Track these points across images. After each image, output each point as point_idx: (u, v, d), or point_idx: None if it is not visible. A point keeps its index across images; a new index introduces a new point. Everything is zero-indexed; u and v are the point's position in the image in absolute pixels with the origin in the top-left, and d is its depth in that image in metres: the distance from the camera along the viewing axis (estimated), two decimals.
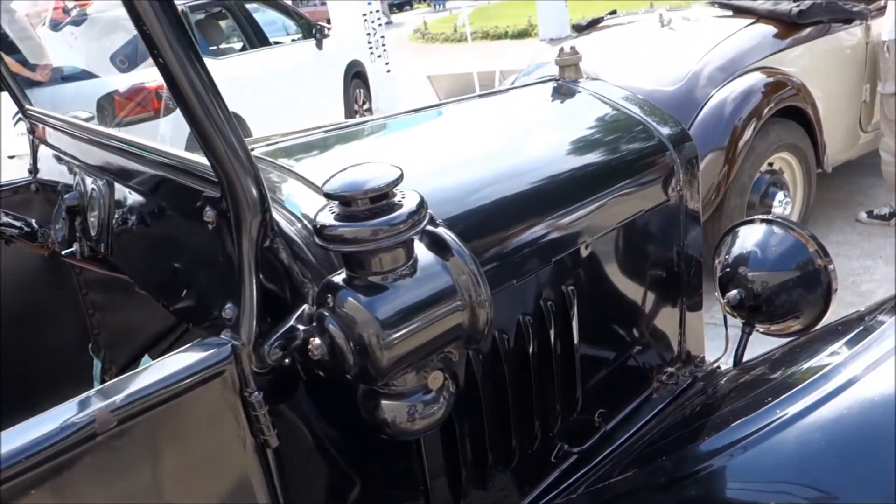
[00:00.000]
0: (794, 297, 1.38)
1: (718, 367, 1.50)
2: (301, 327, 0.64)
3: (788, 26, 3.57)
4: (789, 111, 3.42)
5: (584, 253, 1.16)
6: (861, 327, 1.11)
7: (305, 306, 0.65)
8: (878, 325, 1.10)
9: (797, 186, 3.59)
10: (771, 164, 3.43)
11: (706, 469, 1.02)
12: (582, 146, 1.26)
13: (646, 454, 1.16)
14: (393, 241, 0.59)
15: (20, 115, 1.40)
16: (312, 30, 6.91)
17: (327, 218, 0.61)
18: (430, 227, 0.66)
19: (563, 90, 1.47)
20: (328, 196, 0.61)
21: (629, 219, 1.24)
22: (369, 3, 8.81)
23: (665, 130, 1.39)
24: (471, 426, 1.03)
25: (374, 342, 0.60)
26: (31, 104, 1.38)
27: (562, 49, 1.52)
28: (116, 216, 0.96)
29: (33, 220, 1.32)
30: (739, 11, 3.76)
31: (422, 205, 0.62)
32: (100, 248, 1.04)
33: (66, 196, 1.12)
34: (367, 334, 0.60)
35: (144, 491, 0.57)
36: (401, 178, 0.61)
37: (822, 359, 1.07)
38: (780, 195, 3.37)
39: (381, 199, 0.61)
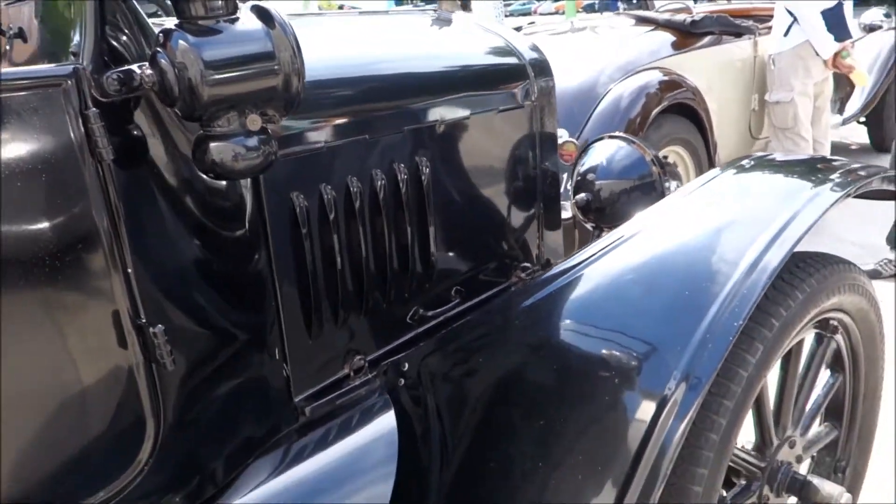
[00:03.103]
0: (633, 199, 1.57)
1: None
2: (139, 70, 0.76)
3: (684, 35, 3.90)
4: (683, 110, 3.72)
5: (438, 133, 1.32)
6: None
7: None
8: None
9: (689, 180, 3.88)
10: (665, 157, 3.70)
11: (525, 301, 1.18)
12: (445, 49, 1.43)
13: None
14: None
15: None
16: None
17: None
18: (259, 3, 0.79)
19: (441, 17, 1.65)
20: None
21: (482, 112, 1.40)
22: None
23: (528, 55, 1.57)
24: (325, 269, 1.16)
25: (196, 77, 0.73)
26: None
27: None
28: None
29: None
30: (641, 21, 4.08)
31: None
32: None
33: None
34: (192, 69, 0.73)
35: None
36: None
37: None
38: (672, 185, 3.63)
39: None
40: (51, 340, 0.77)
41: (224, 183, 0.94)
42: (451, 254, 1.40)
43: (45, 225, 0.74)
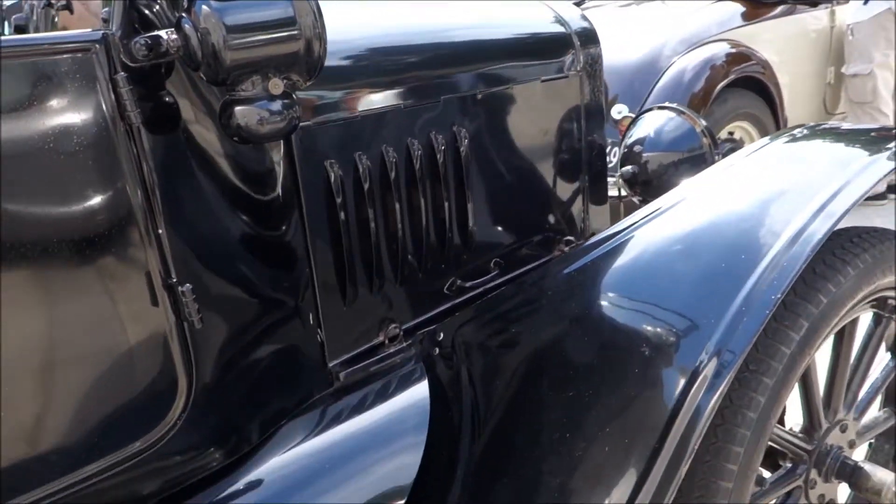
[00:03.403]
0: (682, 172, 1.52)
1: None
2: (166, 36, 0.78)
3: (755, 5, 3.73)
4: (752, 84, 3.57)
5: (477, 102, 1.30)
6: None
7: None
8: None
9: None
10: (731, 133, 3.57)
11: (561, 271, 1.16)
12: (485, 17, 1.41)
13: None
14: None
15: None
16: None
17: None
18: None
19: None
20: None
21: (524, 81, 1.37)
22: None
23: (574, 24, 1.53)
24: (359, 237, 1.17)
25: (219, 42, 0.74)
26: None
27: None
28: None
29: None
30: None
31: None
32: None
33: (14, 17, 1.28)
34: (214, 34, 0.74)
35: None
36: None
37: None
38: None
39: None
40: (84, 300, 0.81)
41: (257, 148, 0.96)
42: (490, 225, 1.39)
43: (76, 186, 0.77)
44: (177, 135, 0.85)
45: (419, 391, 1.17)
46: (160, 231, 0.82)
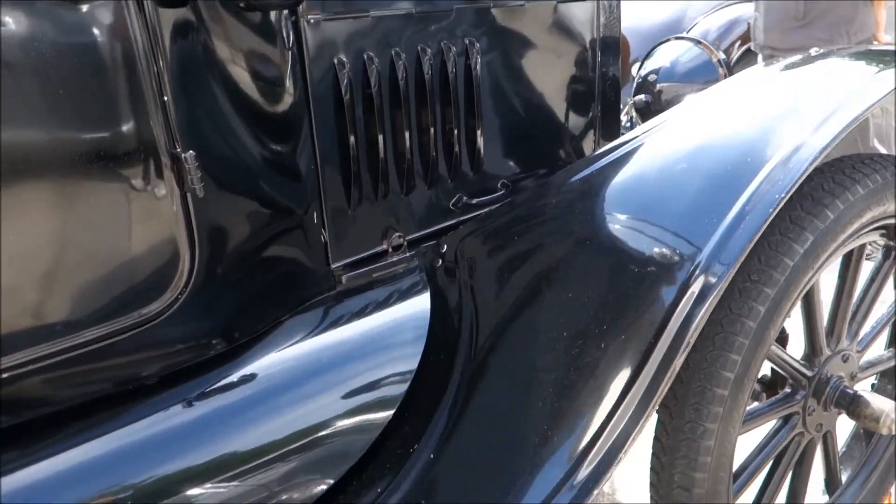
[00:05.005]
0: None
1: None
2: None
3: None
4: None
5: (490, 14, 1.29)
6: None
7: None
8: None
9: None
10: None
11: (565, 181, 1.16)
12: None
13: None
14: None
15: None
16: None
17: None
18: None
19: None
20: None
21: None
22: None
23: None
24: (366, 141, 1.17)
25: None
26: None
27: None
28: None
29: None
30: None
31: None
32: None
33: None
34: None
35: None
36: None
37: None
38: None
39: None
40: (91, 167, 0.81)
41: (267, 34, 0.96)
42: (498, 145, 1.39)
43: (85, 54, 0.77)
44: (187, 12, 0.85)
45: (420, 302, 1.17)
46: (166, 98, 0.83)
